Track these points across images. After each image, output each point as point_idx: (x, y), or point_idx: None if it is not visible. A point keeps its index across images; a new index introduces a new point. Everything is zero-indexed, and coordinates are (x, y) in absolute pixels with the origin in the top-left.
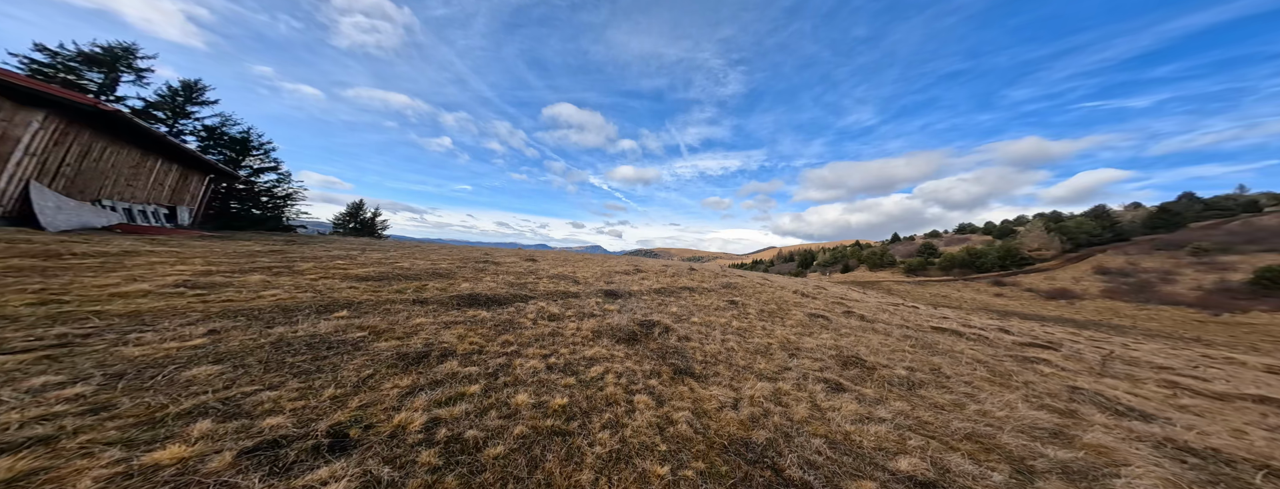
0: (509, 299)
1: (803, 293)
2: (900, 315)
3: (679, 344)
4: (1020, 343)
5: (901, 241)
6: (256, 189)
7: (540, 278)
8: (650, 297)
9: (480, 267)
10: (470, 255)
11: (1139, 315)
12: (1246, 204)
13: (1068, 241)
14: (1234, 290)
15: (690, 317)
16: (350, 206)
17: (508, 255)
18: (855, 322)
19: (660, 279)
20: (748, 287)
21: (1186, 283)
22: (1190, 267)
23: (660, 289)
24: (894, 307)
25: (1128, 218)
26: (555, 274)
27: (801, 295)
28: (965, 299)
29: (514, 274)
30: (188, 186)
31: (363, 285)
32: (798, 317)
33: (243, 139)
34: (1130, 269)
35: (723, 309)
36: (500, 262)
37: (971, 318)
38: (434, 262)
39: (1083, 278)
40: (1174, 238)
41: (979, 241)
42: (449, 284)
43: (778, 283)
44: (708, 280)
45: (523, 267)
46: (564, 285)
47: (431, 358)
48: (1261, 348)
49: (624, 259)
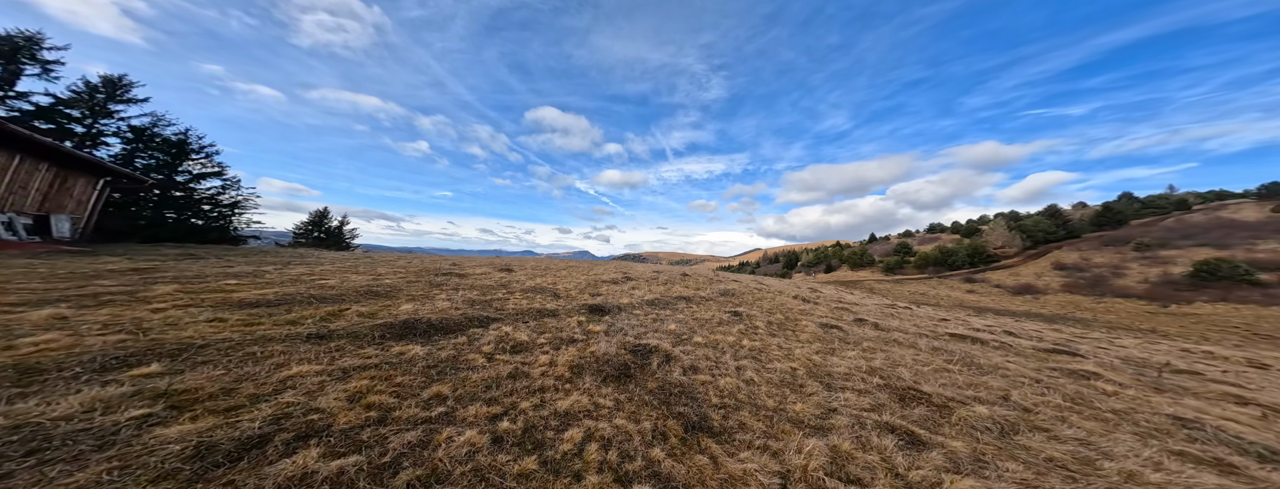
0: (461, 325)
1: (803, 299)
2: (911, 321)
3: (685, 379)
4: (1043, 349)
5: (878, 241)
6: (196, 197)
7: (512, 292)
8: (643, 311)
9: (438, 280)
10: (432, 266)
11: (1097, 309)
12: (1178, 202)
13: (1027, 239)
14: (1176, 283)
15: (692, 336)
16: (313, 215)
17: (479, 265)
18: (871, 332)
19: (652, 288)
20: (746, 293)
21: (1134, 277)
22: (1135, 261)
23: (654, 300)
24: (892, 309)
25: (1077, 216)
26: (531, 287)
27: (803, 301)
28: (942, 296)
29: (479, 289)
30: (69, 192)
31: (237, 316)
32: (810, 329)
33: (179, 141)
34: (1084, 264)
35: (727, 323)
36: (467, 273)
37: (973, 319)
38: (378, 276)
39: (1044, 273)
40: (1118, 234)
41: (948, 240)
42: (382, 307)
43: (773, 287)
44: (703, 287)
45: (493, 278)
46: (540, 301)
47: (274, 444)
48: (1211, 337)
49: (612, 265)
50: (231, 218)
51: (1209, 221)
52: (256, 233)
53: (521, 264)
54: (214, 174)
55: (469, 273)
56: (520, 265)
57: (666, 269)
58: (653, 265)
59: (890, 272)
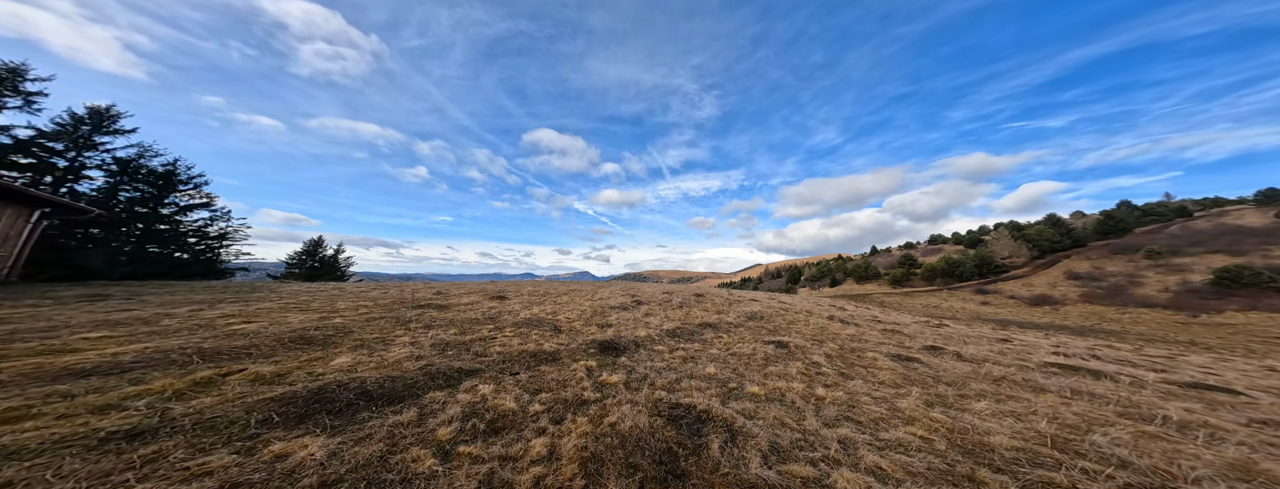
0: (415, 387)
1: (839, 319)
2: (987, 346)
3: (774, 476)
4: (1183, 384)
5: (880, 253)
6: (181, 229)
7: (501, 328)
8: (666, 346)
9: (410, 315)
10: (411, 296)
11: (1123, 319)
12: (1177, 209)
13: (1034, 249)
14: (1199, 291)
15: (743, 384)
16: (307, 244)
17: (468, 293)
18: (959, 365)
19: (668, 313)
20: (774, 315)
21: (1153, 285)
22: (1149, 269)
23: (675, 330)
24: (942, 328)
25: (1080, 225)
26: (526, 319)
27: (841, 322)
28: (956, 309)
29: (459, 325)
30: None
31: (19, 399)
32: (883, 364)
33: (167, 172)
34: (1098, 273)
35: (777, 360)
36: (450, 303)
37: (1038, 339)
38: (329, 314)
39: (1058, 283)
40: (1125, 242)
41: (952, 251)
42: (301, 364)
43: (798, 307)
44: (725, 310)
45: (481, 309)
46: (537, 338)
47: None
48: (1256, 350)
49: (617, 287)
50: (218, 250)
51: (1215, 228)
52: (246, 265)
53: (517, 290)
54: (202, 205)
55: (453, 303)
56: (515, 291)
57: (676, 290)
58: (660, 286)
59: (897, 284)
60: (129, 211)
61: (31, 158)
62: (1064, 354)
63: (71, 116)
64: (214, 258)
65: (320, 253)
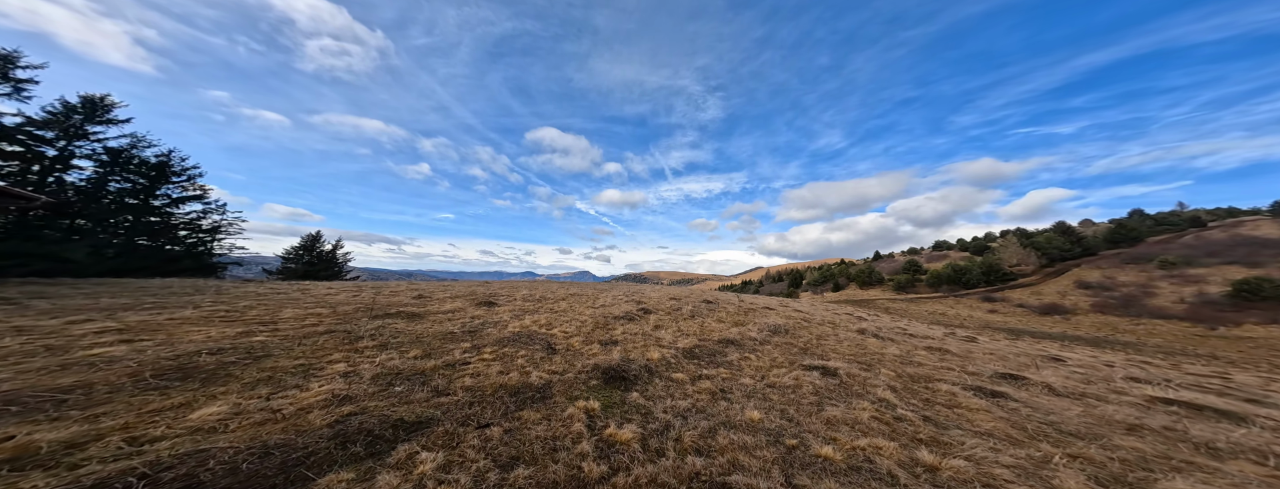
0: (305, 464)
1: (872, 334)
2: (1060, 372)
3: None
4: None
5: (884, 259)
6: (172, 222)
7: (481, 347)
8: (686, 372)
9: (368, 329)
10: (385, 300)
11: (1138, 330)
12: (1191, 219)
13: (1043, 257)
14: (1217, 303)
15: (806, 441)
16: (305, 239)
17: (453, 297)
18: (1065, 404)
19: (681, 325)
20: (798, 328)
21: (1167, 296)
22: (1163, 280)
23: (693, 349)
24: (996, 345)
25: (1091, 233)
26: (513, 334)
27: (877, 338)
28: (962, 316)
29: (425, 344)
30: None
31: None
32: (973, 404)
33: (160, 164)
34: (1109, 283)
35: (833, 397)
36: (427, 310)
37: (1174, 369)
38: (256, 327)
39: (1068, 292)
40: (1137, 252)
41: (958, 257)
42: (142, 417)
43: (816, 316)
44: (744, 321)
45: (462, 319)
46: (523, 363)
47: None
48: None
49: (620, 291)
50: (211, 244)
51: (1230, 239)
52: (240, 259)
53: (511, 293)
54: (195, 197)
55: (429, 311)
56: (508, 295)
57: (683, 295)
58: (666, 290)
59: (902, 290)
60: (118, 203)
61: (19, 145)
62: (1147, 381)
63: (64, 105)
64: (206, 252)
65: (318, 248)
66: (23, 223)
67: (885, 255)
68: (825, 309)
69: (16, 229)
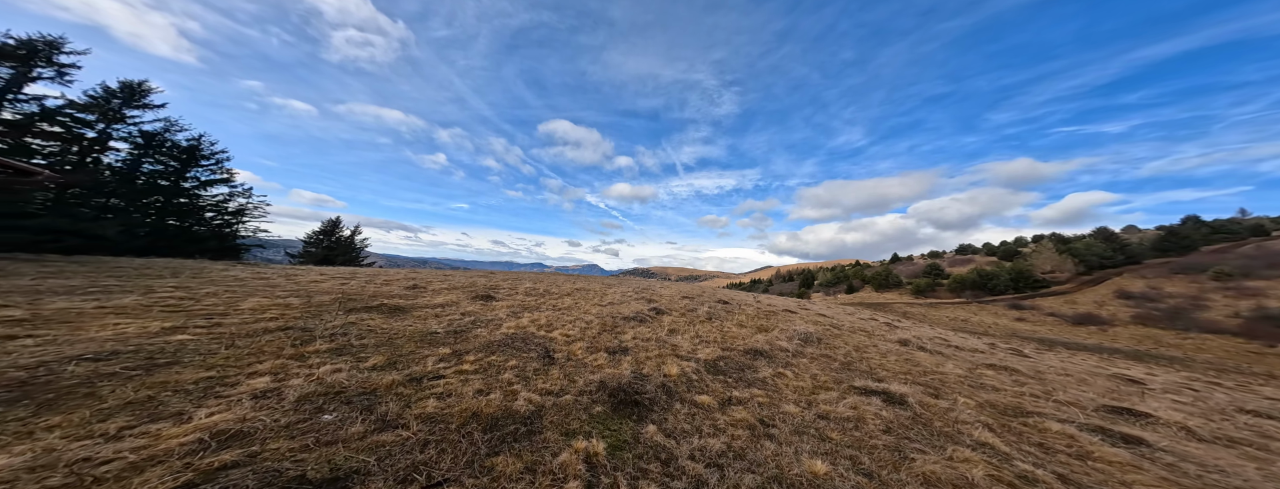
0: None
1: (917, 346)
2: (1192, 405)
3: None
4: None
5: (902, 262)
6: (200, 204)
7: (464, 353)
8: (714, 395)
9: (332, 327)
10: (378, 290)
11: (1184, 344)
12: (1253, 228)
13: (1080, 264)
14: (1277, 318)
15: None
16: (325, 224)
17: (450, 289)
18: (1238, 461)
19: (698, 329)
20: (829, 336)
21: (1221, 310)
22: (1216, 292)
23: (717, 362)
24: (1021, 356)
25: (1136, 240)
26: (506, 336)
27: (923, 350)
28: (987, 324)
29: (394, 349)
30: None
31: None
32: (1114, 457)
33: (191, 147)
34: (1154, 294)
35: (915, 438)
36: (414, 305)
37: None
38: (195, 321)
39: (1106, 302)
40: (1188, 261)
41: (984, 262)
42: None
43: (843, 322)
44: (765, 324)
45: (451, 315)
46: (511, 379)
47: None
48: None
49: (629, 287)
50: (235, 226)
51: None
52: (262, 241)
53: (513, 286)
54: (222, 181)
55: (417, 305)
56: (510, 288)
57: (695, 292)
58: (677, 287)
59: (921, 294)
60: (150, 184)
61: (59, 126)
62: (1270, 415)
63: (104, 89)
64: (231, 233)
65: (337, 233)
66: (61, 200)
67: (904, 258)
68: (847, 313)
69: (56, 206)
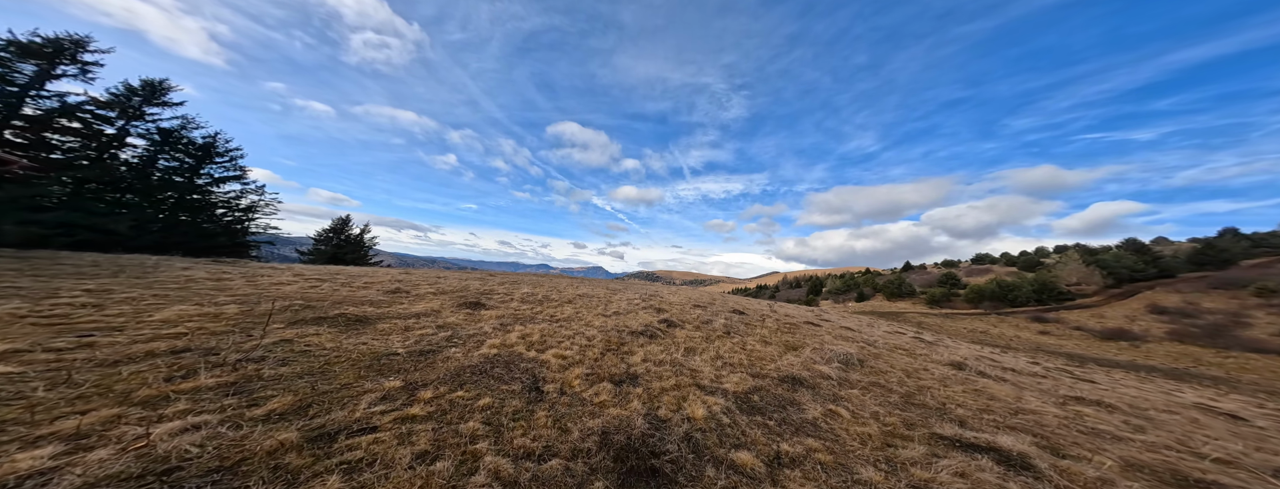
0: None
1: (977, 370)
2: None
3: None
4: None
5: (915, 270)
6: (212, 200)
7: (420, 387)
8: (754, 450)
9: (252, 347)
10: (343, 294)
11: (1227, 363)
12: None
13: (1108, 276)
14: None
15: None
16: (335, 222)
17: (438, 293)
18: None
19: (718, 348)
20: (870, 357)
21: (1264, 328)
22: (1259, 309)
23: (749, 397)
24: (1094, 386)
25: (1170, 253)
26: (485, 359)
27: (986, 375)
28: (1008, 337)
29: (321, 381)
30: None
31: None
32: None
33: (207, 145)
34: (1190, 309)
35: None
36: (386, 313)
37: None
38: (50, 343)
39: (1138, 317)
40: (1227, 276)
41: (1004, 272)
42: None
43: (878, 339)
44: (793, 341)
45: (425, 329)
46: (476, 423)
47: None
48: None
49: (635, 291)
50: (246, 222)
51: None
52: (272, 239)
53: (509, 291)
54: (235, 177)
55: (388, 314)
56: (505, 294)
57: (705, 300)
58: (686, 293)
59: (935, 304)
60: (164, 180)
61: (79, 122)
62: None
63: (126, 87)
64: (241, 230)
65: (346, 231)
66: (77, 194)
67: (917, 266)
68: (867, 324)
69: (71, 200)
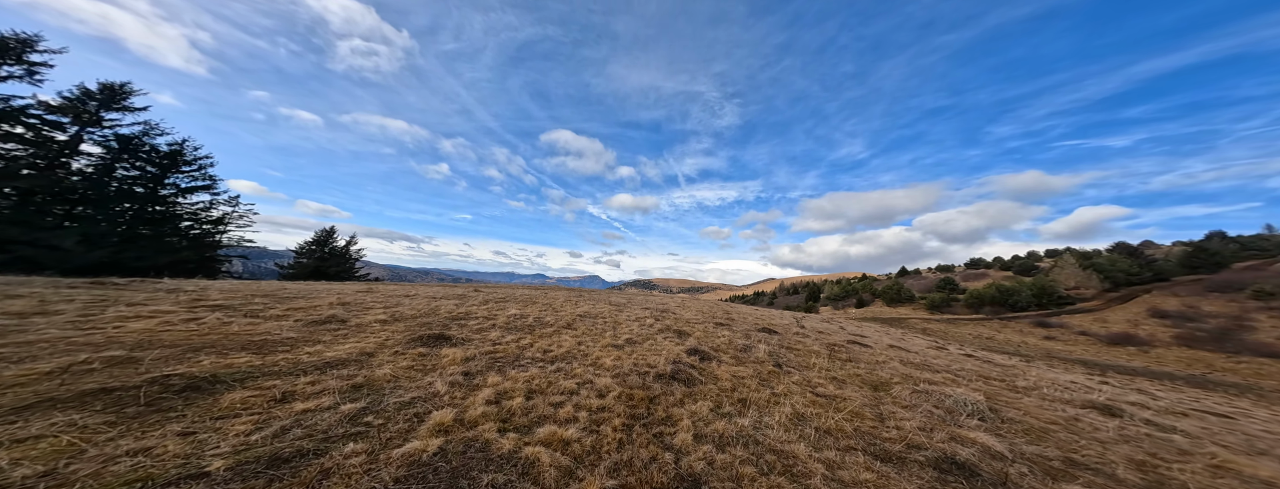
0: None
1: (1146, 419)
2: None
3: None
4: None
5: (911, 275)
6: (177, 212)
7: None
8: None
9: None
10: (240, 326)
11: (1241, 370)
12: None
13: (1105, 280)
14: None
15: None
16: (319, 234)
17: (389, 321)
18: None
19: (785, 397)
20: (1027, 420)
21: (1269, 331)
22: (1260, 312)
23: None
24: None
25: (1162, 256)
26: (427, 451)
27: (1108, 413)
28: (1014, 342)
29: None
30: None
31: None
32: None
33: (173, 152)
34: (1192, 313)
35: None
36: (271, 363)
37: None
38: None
39: (1140, 321)
40: (1222, 279)
41: (1000, 277)
42: None
43: (920, 354)
44: (869, 374)
45: (335, 391)
46: None
47: None
48: None
49: (639, 305)
50: (216, 235)
51: None
52: (245, 252)
53: (490, 314)
54: (204, 187)
55: (278, 362)
56: (485, 317)
57: (723, 315)
58: (701, 307)
59: (936, 309)
60: (122, 190)
61: (24, 127)
62: None
63: (81, 90)
64: (210, 243)
65: (331, 243)
66: (21, 208)
67: (913, 271)
68: (901, 338)
69: (14, 214)
